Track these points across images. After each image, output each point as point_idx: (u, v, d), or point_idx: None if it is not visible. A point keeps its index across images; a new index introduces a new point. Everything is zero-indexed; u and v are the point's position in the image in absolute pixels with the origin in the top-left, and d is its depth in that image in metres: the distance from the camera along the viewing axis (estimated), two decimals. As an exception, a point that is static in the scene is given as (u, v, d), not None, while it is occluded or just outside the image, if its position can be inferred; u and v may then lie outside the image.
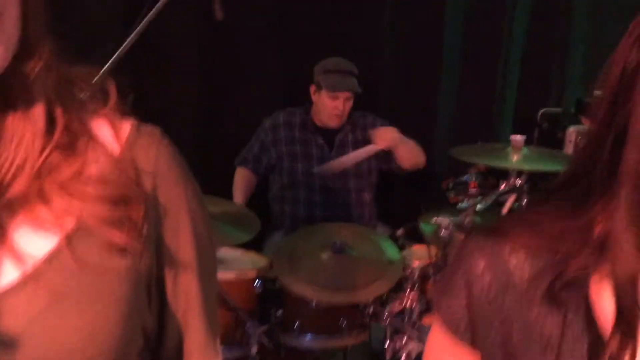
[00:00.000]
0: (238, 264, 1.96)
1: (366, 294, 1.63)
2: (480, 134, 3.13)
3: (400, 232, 1.91)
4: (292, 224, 2.60)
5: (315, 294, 1.62)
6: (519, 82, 3.08)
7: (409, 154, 2.51)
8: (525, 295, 0.60)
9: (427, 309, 1.96)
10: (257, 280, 1.89)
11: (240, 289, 1.87)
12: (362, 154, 2.45)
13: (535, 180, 2.26)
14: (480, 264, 0.63)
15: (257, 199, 2.77)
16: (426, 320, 1.95)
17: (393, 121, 2.90)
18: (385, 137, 2.43)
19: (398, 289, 1.81)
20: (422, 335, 1.86)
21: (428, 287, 1.98)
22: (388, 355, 1.85)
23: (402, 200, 2.79)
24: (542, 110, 2.87)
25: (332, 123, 2.56)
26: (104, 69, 1.62)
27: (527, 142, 2.89)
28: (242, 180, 2.65)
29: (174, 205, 0.60)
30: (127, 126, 0.60)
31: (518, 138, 1.97)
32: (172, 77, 2.86)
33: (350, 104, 2.53)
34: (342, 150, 2.60)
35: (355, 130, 2.63)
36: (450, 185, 2.88)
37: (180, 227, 0.61)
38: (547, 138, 2.76)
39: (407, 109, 3.07)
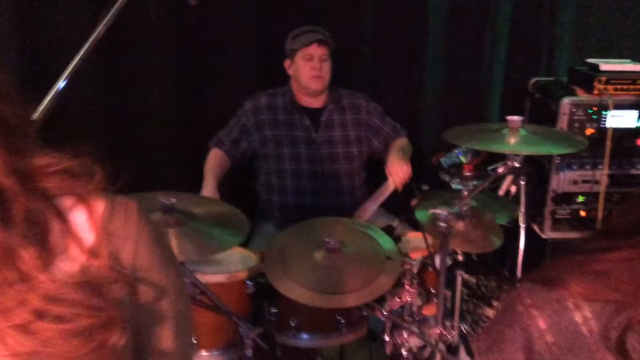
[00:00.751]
0: (227, 264, 1.87)
1: (364, 297, 1.56)
2: (469, 104, 3.05)
3: (395, 223, 1.83)
4: (282, 214, 2.51)
5: (309, 298, 1.54)
6: (507, 49, 2.97)
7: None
8: (594, 352, 0.57)
9: (426, 300, 1.91)
10: (248, 280, 1.82)
11: (231, 291, 1.79)
12: (381, 198, 2.34)
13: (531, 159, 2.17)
14: (540, 324, 0.60)
15: (244, 188, 2.67)
16: (426, 311, 1.90)
17: (377, 95, 2.80)
18: (401, 177, 2.32)
19: (396, 284, 1.74)
20: (423, 328, 1.81)
21: (426, 277, 1.92)
22: (388, 351, 1.80)
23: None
24: (533, 80, 2.77)
25: (314, 85, 2.42)
26: (78, 55, 1.50)
27: (519, 113, 2.84)
28: (215, 162, 2.46)
29: (154, 300, 0.55)
30: (101, 206, 0.54)
31: (515, 119, 1.87)
32: (145, 59, 2.71)
33: (328, 65, 2.40)
34: (329, 131, 2.50)
35: (343, 111, 2.52)
36: (444, 164, 2.80)
37: (162, 322, 0.56)
38: (539, 109, 2.67)
39: (391, 81, 2.96)
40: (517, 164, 1.86)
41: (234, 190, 2.67)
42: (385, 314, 1.70)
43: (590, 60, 2.59)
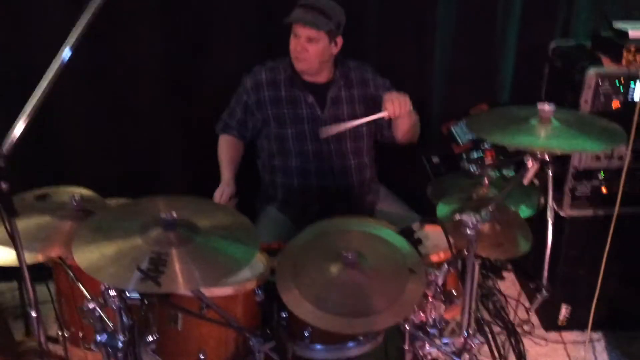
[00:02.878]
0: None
1: (388, 319, 1.43)
2: (481, 66, 2.84)
3: (416, 226, 1.68)
4: (286, 196, 2.36)
5: (331, 323, 1.41)
6: (522, 6, 2.74)
7: (409, 129, 2.24)
8: None
9: (449, 302, 1.79)
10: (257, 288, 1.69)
11: (240, 302, 1.67)
12: (367, 120, 2.15)
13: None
14: None
15: (246, 167, 2.50)
16: (447, 314, 1.79)
17: (386, 65, 2.59)
18: (399, 106, 2.09)
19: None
20: (445, 337, 1.70)
21: (448, 279, 1.80)
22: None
23: (402, 153, 2.54)
24: (553, 44, 2.56)
25: (296, 65, 2.21)
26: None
27: (536, 79, 2.65)
28: (227, 149, 2.38)
29: None
30: None
31: (546, 108, 1.69)
32: (138, 34, 2.49)
33: (316, 48, 2.15)
34: (336, 108, 2.31)
35: (350, 86, 2.32)
36: (454, 133, 2.63)
37: None
38: (560, 77, 2.47)
39: (400, 43, 2.74)
40: (547, 157, 1.70)
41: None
42: (408, 328, 1.59)
43: (617, 24, 2.38)
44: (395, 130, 2.32)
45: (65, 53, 1.22)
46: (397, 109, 2.08)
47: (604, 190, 2.41)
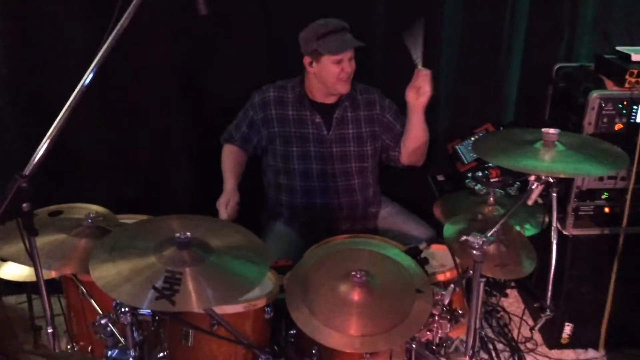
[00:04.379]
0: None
1: (395, 339, 1.46)
2: (485, 89, 2.89)
3: (423, 246, 1.72)
4: (291, 214, 2.40)
5: (340, 342, 1.44)
6: (526, 30, 2.79)
7: (420, 137, 2.28)
8: None
9: (454, 321, 1.82)
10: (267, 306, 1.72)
11: (249, 319, 1.70)
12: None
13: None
14: None
15: (250, 182, 2.54)
16: (453, 333, 1.82)
17: (391, 84, 2.63)
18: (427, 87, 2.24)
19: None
20: (450, 355, 1.73)
21: (453, 298, 1.83)
22: (413, 378, 1.73)
23: (408, 171, 2.59)
24: (557, 66, 2.60)
25: (343, 89, 2.28)
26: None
27: (539, 100, 2.69)
28: (231, 159, 2.40)
29: None
30: None
31: (551, 132, 1.73)
32: (145, 50, 2.53)
33: (354, 63, 2.25)
34: (341, 129, 2.35)
35: (356, 107, 2.37)
36: (459, 152, 2.67)
37: None
38: (563, 99, 2.52)
39: (406, 67, 2.79)
40: (551, 179, 1.74)
41: (241, 188, 2.55)
42: (414, 346, 1.62)
43: (620, 48, 2.42)
44: (404, 142, 2.34)
45: (88, 79, 1.26)
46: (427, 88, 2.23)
47: (606, 210, 2.44)
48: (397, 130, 2.41)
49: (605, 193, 2.42)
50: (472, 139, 2.63)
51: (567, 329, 2.57)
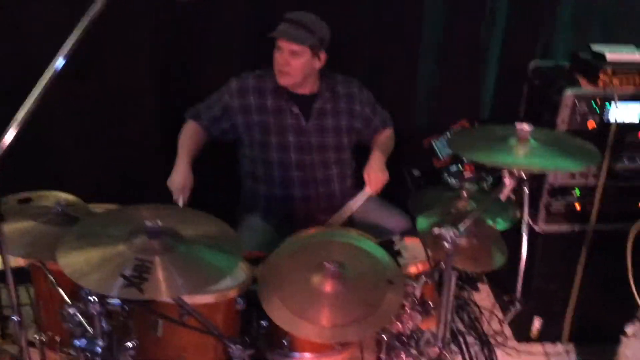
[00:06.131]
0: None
1: (366, 328, 1.47)
2: (463, 85, 2.91)
3: (396, 238, 1.72)
4: (268, 205, 2.39)
5: (312, 333, 1.45)
6: (505, 28, 2.81)
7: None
8: None
9: (425, 313, 1.83)
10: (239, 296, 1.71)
11: (220, 310, 1.69)
12: (357, 203, 2.38)
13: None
14: None
15: (227, 175, 2.53)
16: (424, 325, 1.83)
17: (371, 79, 2.64)
18: (378, 185, 2.33)
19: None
20: (421, 347, 1.74)
21: (425, 290, 1.84)
22: (384, 369, 1.74)
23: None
24: (533, 64, 2.63)
25: (279, 79, 2.25)
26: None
27: (516, 98, 2.72)
28: (193, 138, 2.32)
29: None
30: None
31: (524, 128, 1.74)
32: (125, 39, 2.50)
33: (300, 61, 2.20)
34: (321, 120, 2.35)
35: (336, 99, 2.36)
36: (435, 147, 2.69)
37: None
38: (539, 97, 2.54)
39: (385, 63, 2.80)
40: (524, 175, 1.76)
41: (216, 178, 2.53)
42: (385, 337, 1.62)
43: (595, 47, 2.46)
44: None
45: (59, 62, 1.23)
46: (378, 187, 2.31)
47: (578, 207, 2.48)
48: (374, 124, 2.43)
49: (576, 190, 2.46)
50: (448, 134, 2.65)
51: (536, 323, 2.61)
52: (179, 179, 2.13)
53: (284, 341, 1.69)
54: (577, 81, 2.38)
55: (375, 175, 2.31)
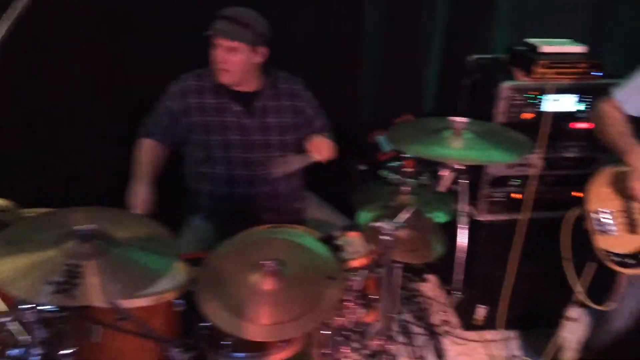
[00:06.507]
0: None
1: (306, 325, 1.47)
2: (406, 80, 2.94)
3: (337, 233, 1.73)
4: (212, 204, 2.36)
5: (253, 333, 1.43)
6: (446, 22, 2.86)
7: (326, 154, 2.28)
8: None
9: (368, 307, 1.85)
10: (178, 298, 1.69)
11: (160, 313, 1.66)
12: (298, 163, 2.30)
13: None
14: None
15: (169, 176, 2.48)
16: (367, 318, 1.84)
17: (314, 76, 2.63)
18: (323, 153, 2.24)
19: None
20: (364, 340, 1.76)
21: (367, 284, 1.86)
22: (329, 364, 1.75)
23: (332, 161, 2.61)
24: (472, 58, 2.68)
25: (220, 78, 2.22)
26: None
27: (457, 92, 2.77)
28: (149, 154, 2.29)
29: None
30: None
31: (459, 121, 1.78)
32: (59, 37, 2.42)
33: (239, 58, 2.17)
34: (263, 117, 2.33)
35: (279, 96, 2.35)
36: (380, 142, 2.72)
37: None
38: (479, 90, 2.60)
39: (328, 60, 2.80)
40: (461, 167, 1.79)
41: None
42: (327, 332, 1.63)
43: (530, 40, 2.52)
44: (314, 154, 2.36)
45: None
46: (322, 154, 2.23)
47: (516, 196, 2.54)
48: (314, 126, 2.42)
49: (515, 180, 2.53)
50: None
51: (480, 310, 2.68)
52: (139, 195, 2.11)
53: (226, 342, 1.67)
54: (514, 74, 2.44)
55: (319, 141, 2.28)
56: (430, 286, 3.03)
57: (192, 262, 1.77)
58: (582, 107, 2.41)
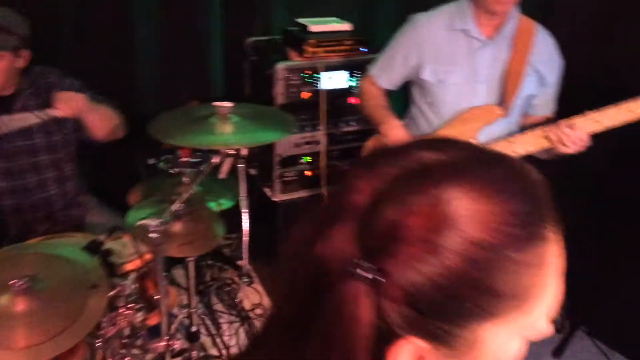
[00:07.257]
0: None
1: (68, 340, 1.35)
2: (190, 67, 2.86)
3: (103, 237, 1.62)
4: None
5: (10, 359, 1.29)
6: (223, 6, 2.82)
7: (101, 123, 2.14)
8: None
9: (150, 308, 1.77)
10: None
11: None
12: (34, 118, 1.99)
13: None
14: None
15: None
16: (151, 321, 1.77)
17: (88, 68, 2.45)
18: (69, 104, 2.00)
19: (110, 308, 1.56)
20: (147, 345, 1.68)
21: (146, 285, 1.78)
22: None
23: (118, 159, 2.45)
24: (250, 40, 2.68)
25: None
26: None
27: (237, 75, 2.76)
28: None
29: None
30: None
31: (223, 106, 1.76)
32: None
33: (1, 66, 1.96)
34: (26, 118, 2.10)
35: (39, 93, 2.14)
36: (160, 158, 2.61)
37: None
38: (258, 72, 2.61)
39: (102, 46, 2.62)
40: (232, 151, 1.77)
41: None
42: (101, 344, 1.53)
43: (300, 20, 2.58)
44: (89, 130, 2.18)
45: None
46: (69, 105, 1.99)
47: (308, 173, 2.62)
48: None
49: (305, 158, 2.59)
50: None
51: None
52: None
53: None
54: (288, 55, 2.49)
55: (67, 95, 2.03)
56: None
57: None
58: (354, 83, 2.52)
